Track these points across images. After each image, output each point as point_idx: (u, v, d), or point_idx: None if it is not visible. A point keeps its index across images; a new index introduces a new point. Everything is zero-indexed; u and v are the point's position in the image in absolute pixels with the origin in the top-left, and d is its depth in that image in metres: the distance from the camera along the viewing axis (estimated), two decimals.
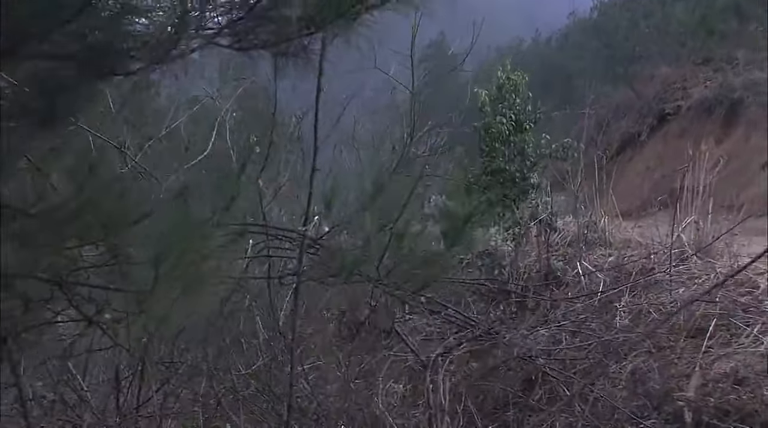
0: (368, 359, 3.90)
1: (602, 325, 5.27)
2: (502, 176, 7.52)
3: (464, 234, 2.25)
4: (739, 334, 4.74)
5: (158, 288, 1.89)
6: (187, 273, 1.93)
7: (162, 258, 1.88)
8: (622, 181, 17.51)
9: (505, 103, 7.59)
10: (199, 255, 1.98)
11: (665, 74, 18.63)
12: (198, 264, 1.96)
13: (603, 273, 6.47)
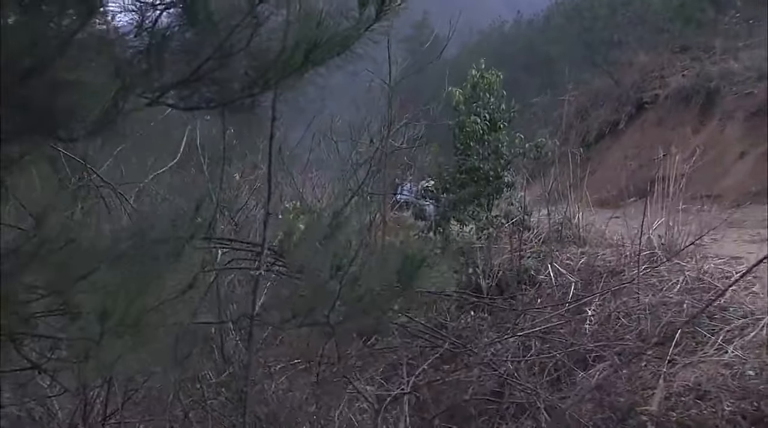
0: (326, 398, 3.90)
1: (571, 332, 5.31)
2: (476, 175, 7.52)
3: (421, 275, 2.25)
4: (704, 342, 4.79)
5: (105, 339, 1.88)
6: (135, 325, 1.92)
7: (109, 312, 1.87)
8: (601, 169, 17.62)
9: (479, 102, 7.58)
10: (148, 306, 1.97)
11: (643, 62, 18.67)
12: (146, 316, 1.95)
13: (574, 274, 6.51)
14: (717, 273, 5.88)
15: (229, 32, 1.82)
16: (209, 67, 1.84)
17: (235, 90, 1.91)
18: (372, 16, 2.04)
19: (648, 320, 5.16)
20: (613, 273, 6.32)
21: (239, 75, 1.87)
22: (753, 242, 8.22)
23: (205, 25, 1.84)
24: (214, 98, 1.95)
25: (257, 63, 1.88)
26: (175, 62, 1.85)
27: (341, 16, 2.02)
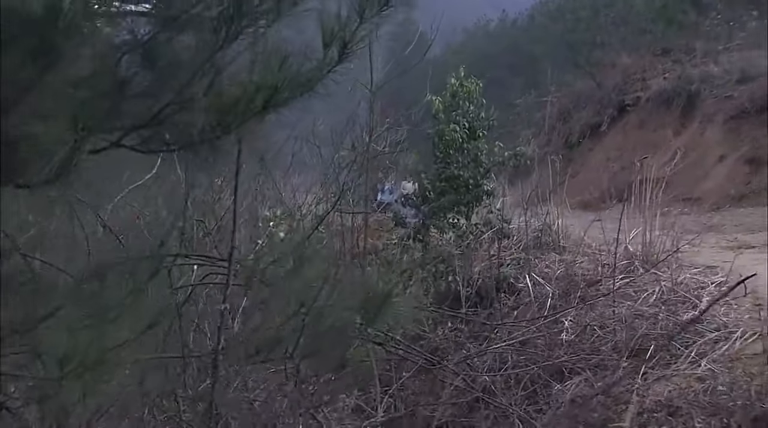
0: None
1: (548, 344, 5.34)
2: (456, 183, 7.54)
3: (385, 311, 2.26)
4: (678, 355, 4.84)
5: (66, 380, 1.88)
6: (96, 365, 1.92)
7: (69, 354, 1.86)
8: (584, 171, 17.73)
9: (458, 111, 7.59)
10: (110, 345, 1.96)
11: (626, 64, 18.78)
12: (108, 355, 1.95)
13: (552, 283, 6.54)
14: (692, 284, 5.92)
15: (189, 78, 1.82)
16: (169, 111, 1.84)
17: (195, 133, 1.91)
18: (335, 58, 2.05)
19: (623, 332, 5.20)
20: (590, 283, 6.36)
21: (200, 119, 1.86)
22: (730, 248, 8.29)
23: (164, 70, 1.84)
24: (174, 141, 1.94)
25: (217, 107, 1.88)
26: (135, 106, 1.85)
27: (305, 57, 2.03)
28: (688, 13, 18.40)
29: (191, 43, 1.82)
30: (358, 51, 2.05)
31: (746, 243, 8.55)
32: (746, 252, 7.85)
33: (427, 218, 7.81)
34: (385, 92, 10.68)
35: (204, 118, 1.86)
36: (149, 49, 1.81)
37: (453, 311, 5.93)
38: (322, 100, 2.14)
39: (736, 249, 8.12)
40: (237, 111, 1.86)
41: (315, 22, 2.07)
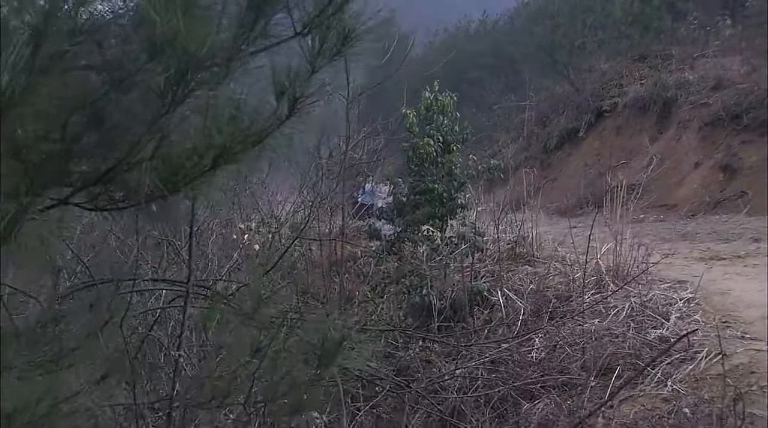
0: None
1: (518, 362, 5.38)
2: (430, 196, 7.57)
3: (339, 355, 2.28)
4: (645, 374, 4.88)
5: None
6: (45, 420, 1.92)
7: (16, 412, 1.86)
8: (562, 177, 17.87)
9: (432, 124, 7.62)
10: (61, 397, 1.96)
11: (603, 69, 18.95)
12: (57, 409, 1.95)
13: (524, 299, 6.59)
14: (661, 300, 5.99)
15: (135, 141, 1.83)
16: (117, 171, 1.84)
17: (145, 192, 1.91)
18: (285, 113, 2.06)
19: (592, 350, 5.25)
20: (560, 299, 6.41)
21: (147, 179, 1.87)
22: (702, 259, 8.40)
23: (112, 130, 1.84)
24: (124, 199, 1.95)
25: (165, 167, 1.88)
26: (83, 165, 1.85)
27: (255, 113, 2.03)
28: (665, 19, 18.58)
29: (139, 105, 1.83)
30: (312, 104, 2.06)
31: (718, 254, 8.65)
32: (717, 264, 7.95)
33: (401, 231, 7.84)
34: (364, 95, 10.69)
35: (152, 178, 1.87)
36: (97, 109, 1.82)
37: (422, 333, 5.94)
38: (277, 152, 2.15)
39: (708, 261, 8.22)
40: (185, 171, 1.87)
41: (269, 75, 2.09)
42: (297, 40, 2.13)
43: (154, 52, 1.81)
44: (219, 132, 1.90)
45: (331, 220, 9.52)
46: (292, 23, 2.09)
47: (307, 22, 2.10)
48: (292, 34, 2.11)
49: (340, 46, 2.17)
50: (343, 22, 2.14)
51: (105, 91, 1.84)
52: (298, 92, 2.08)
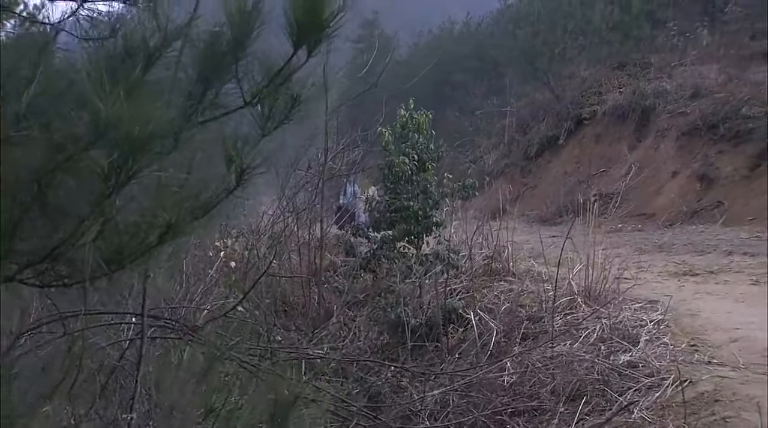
0: None
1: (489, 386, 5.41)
2: (406, 213, 7.61)
3: (291, 420, 2.30)
4: (613, 401, 4.93)
5: None
6: None
7: None
8: (542, 184, 17.97)
9: (408, 142, 7.66)
10: None
11: (583, 76, 19.06)
12: None
13: (498, 318, 6.63)
14: (631, 322, 6.04)
15: (80, 220, 1.84)
16: (63, 250, 1.85)
17: (91, 269, 1.92)
18: (233, 184, 2.08)
19: (562, 375, 5.29)
20: (532, 319, 6.46)
21: (91, 258, 1.88)
22: (675, 274, 8.48)
23: (57, 211, 1.85)
24: (70, 275, 1.96)
25: (110, 246, 1.90)
26: (28, 245, 1.86)
27: (203, 184, 2.04)
28: (644, 27, 18.70)
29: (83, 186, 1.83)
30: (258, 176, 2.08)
31: (692, 268, 8.74)
32: (690, 280, 8.04)
33: (377, 248, 7.87)
34: (347, 97, 10.70)
35: (96, 257, 1.88)
36: (42, 188, 1.82)
37: (392, 364, 5.97)
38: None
39: (681, 277, 8.30)
40: (130, 248, 1.88)
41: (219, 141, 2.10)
42: (247, 108, 2.15)
43: (97, 135, 1.82)
44: (164, 210, 1.91)
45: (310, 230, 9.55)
46: (242, 94, 2.11)
47: (256, 92, 2.12)
48: (241, 104, 2.13)
49: (289, 111, 2.19)
50: (291, 90, 2.16)
51: (50, 170, 1.85)
52: (245, 163, 2.09)
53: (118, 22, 2.04)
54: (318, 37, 2.12)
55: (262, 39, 2.12)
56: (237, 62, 2.09)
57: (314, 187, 10.32)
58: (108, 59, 1.97)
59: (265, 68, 2.12)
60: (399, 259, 7.62)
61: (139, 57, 1.99)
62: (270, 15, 2.13)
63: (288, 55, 2.13)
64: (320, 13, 2.08)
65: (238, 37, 2.09)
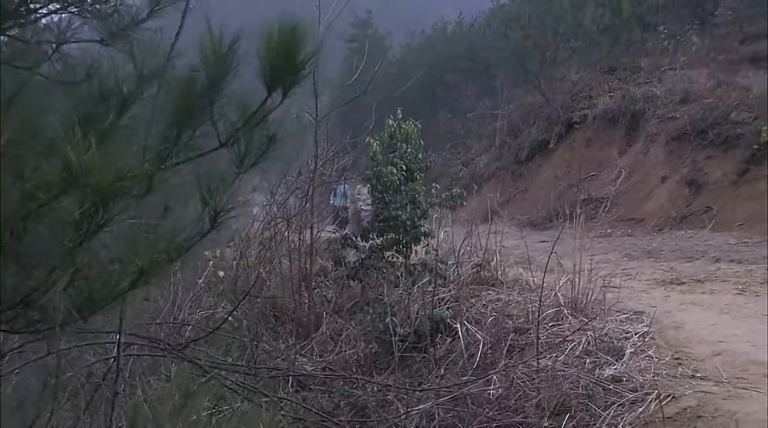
0: None
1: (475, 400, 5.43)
2: (394, 223, 7.63)
3: None
4: (597, 416, 4.96)
5: None
6: None
7: None
8: (532, 188, 18.01)
9: (396, 153, 7.67)
10: None
11: (574, 80, 19.11)
12: None
13: (484, 330, 6.65)
14: (617, 334, 6.07)
15: (51, 269, 1.84)
16: (35, 297, 1.86)
17: (63, 315, 1.93)
18: (207, 227, 2.09)
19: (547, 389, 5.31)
20: (519, 331, 6.49)
21: (63, 305, 1.89)
22: (663, 283, 8.51)
23: (29, 259, 1.86)
24: (43, 321, 1.97)
25: (82, 293, 1.90)
26: None
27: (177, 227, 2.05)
28: (634, 31, 18.77)
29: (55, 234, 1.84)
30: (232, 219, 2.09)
31: (679, 276, 8.78)
32: (676, 289, 8.08)
33: (366, 258, 7.89)
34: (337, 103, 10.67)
35: (67, 305, 1.89)
36: (13, 236, 1.83)
37: (375, 381, 5.98)
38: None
39: (668, 285, 8.35)
40: (102, 294, 1.89)
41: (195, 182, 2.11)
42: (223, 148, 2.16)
43: (68, 184, 1.83)
44: (137, 256, 1.92)
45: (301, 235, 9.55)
46: (217, 135, 2.12)
47: (231, 134, 2.13)
48: (217, 145, 2.14)
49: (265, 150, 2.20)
50: (266, 130, 2.17)
51: (22, 218, 1.86)
52: (219, 206, 2.10)
53: (93, 65, 2.04)
54: (293, 79, 2.14)
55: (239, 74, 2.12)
56: (212, 104, 2.09)
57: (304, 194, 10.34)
58: (82, 103, 1.97)
59: (241, 109, 2.13)
60: (387, 269, 7.63)
61: (114, 101, 1.99)
62: (245, 56, 2.13)
63: (264, 95, 2.15)
64: (295, 56, 2.09)
65: (213, 79, 2.09)
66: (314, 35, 2.08)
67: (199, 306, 7.22)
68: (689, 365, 5.41)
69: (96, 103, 2.00)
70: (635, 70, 17.90)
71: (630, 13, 18.52)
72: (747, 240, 11.03)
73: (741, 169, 12.88)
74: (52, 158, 1.83)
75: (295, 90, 2.19)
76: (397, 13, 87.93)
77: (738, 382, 4.98)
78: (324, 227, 11.66)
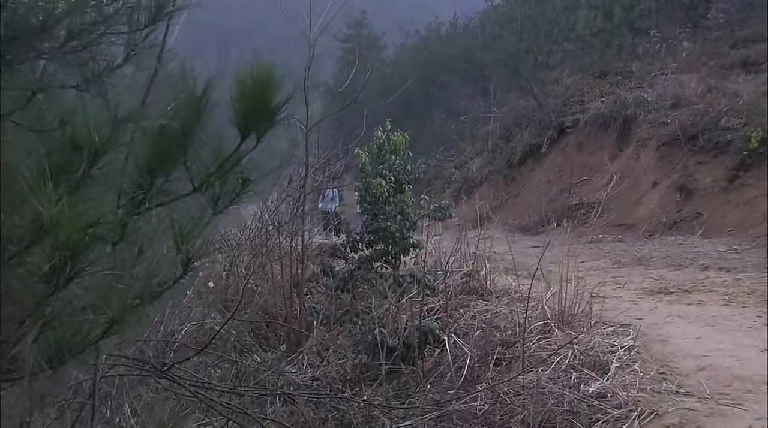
0: None
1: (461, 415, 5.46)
2: (384, 234, 7.65)
3: None
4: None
5: None
6: None
7: None
8: (525, 192, 18.06)
9: (384, 164, 7.69)
10: None
11: (566, 84, 19.17)
12: None
13: (472, 342, 6.68)
14: (603, 348, 6.10)
15: (20, 321, 1.86)
16: (3, 349, 1.87)
17: (33, 364, 1.94)
18: (180, 273, 2.10)
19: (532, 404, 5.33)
20: (506, 344, 6.51)
21: (32, 356, 1.90)
22: (651, 292, 8.55)
23: None
24: (14, 370, 1.98)
25: (52, 344, 1.92)
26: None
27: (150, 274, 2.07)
28: (625, 36, 18.82)
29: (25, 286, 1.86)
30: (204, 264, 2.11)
31: (667, 286, 8.81)
32: (664, 299, 8.11)
33: (355, 269, 7.92)
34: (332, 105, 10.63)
35: (38, 355, 1.90)
36: None
37: (360, 400, 5.98)
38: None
39: (656, 295, 8.38)
40: (73, 345, 1.90)
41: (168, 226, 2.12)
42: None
43: (38, 237, 1.84)
44: (108, 306, 1.94)
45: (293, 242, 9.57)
46: (191, 180, 2.14)
47: (205, 179, 2.15)
48: (191, 190, 2.15)
49: (239, 192, 2.22)
50: (240, 174, 2.19)
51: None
52: (191, 252, 2.12)
53: (67, 112, 2.05)
54: (266, 125, 2.16)
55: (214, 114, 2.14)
56: (185, 150, 2.11)
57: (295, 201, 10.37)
58: (55, 151, 1.99)
59: (215, 153, 2.15)
60: (376, 280, 7.65)
61: (87, 151, 2.00)
62: (219, 98, 2.15)
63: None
64: (268, 103, 2.11)
65: (187, 126, 2.10)
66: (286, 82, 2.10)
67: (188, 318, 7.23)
68: (673, 380, 5.44)
69: (69, 152, 2.01)
70: (627, 75, 17.96)
71: (621, 18, 18.56)
72: (736, 247, 11.09)
73: (731, 176, 12.95)
74: (23, 209, 1.85)
75: (269, 134, 2.21)
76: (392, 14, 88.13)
77: (721, 398, 5.01)
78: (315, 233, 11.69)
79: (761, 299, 7.55)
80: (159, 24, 2.21)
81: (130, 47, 2.30)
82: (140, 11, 2.15)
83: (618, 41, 18.89)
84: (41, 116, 2.12)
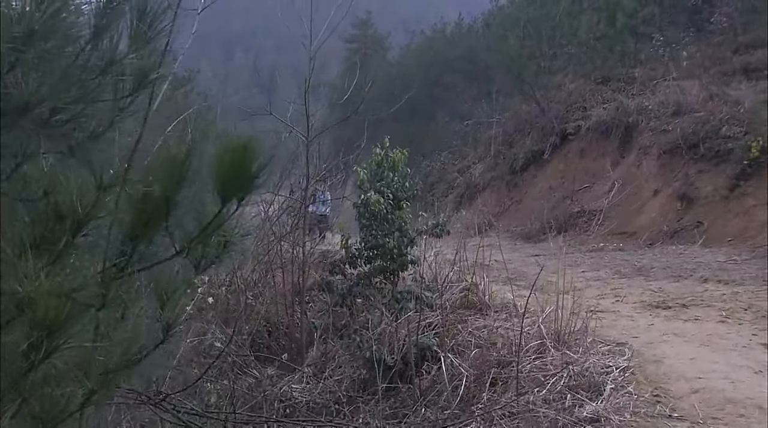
0: None
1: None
2: (382, 250, 7.69)
3: None
4: None
5: None
6: None
7: None
8: (527, 199, 18.07)
9: (383, 181, 7.73)
10: None
11: (569, 90, 19.15)
12: None
13: (468, 361, 6.70)
14: (598, 368, 6.11)
15: None
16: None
17: None
18: (161, 338, 2.14)
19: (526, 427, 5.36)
20: (502, 364, 6.53)
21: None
22: (649, 307, 8.55)
23: None
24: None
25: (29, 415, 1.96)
26: None
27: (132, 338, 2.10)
28: (628, 42, 18.79)
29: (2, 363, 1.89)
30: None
31: (666, 300, 8.80)
32: (661, 315, 8.11)
33: (353, 285, 7.96)
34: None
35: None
36: None
37: (352, 424, 6.03)
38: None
39: (654, 309, 8.39)
40: (51, 417, 1.94)
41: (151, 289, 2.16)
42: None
43: (15, 314, 1.88)
44: (87, 378, 1.97)
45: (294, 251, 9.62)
46: (173, 244, 2.17)
47: (187, 243, 2.18)
48: (173, 253, 2.19)
49: (221, 253, 2.25)
50: (222, 237, 2.22)
51: None
52: (171, 317, 2.16)
53: (50, 184, 2.09)
54: (247, 190, 2.19)
55: None
56: (167, 216, 2.14)
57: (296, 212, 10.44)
58: (39, 222, 2.02)
59: (197, 218, 2.18)
60: (375, 296, 7.69)
61: (69, 221, 2.04)
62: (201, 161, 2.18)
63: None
64: (248, 169, 2.14)
65: (169, 192, 2.14)
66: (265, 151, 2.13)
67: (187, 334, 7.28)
68: (667, 403, 5.45)
69: (53, 222, 2.05)
70: (629, 81, 17.94)
71: (624, 23, 18.54)
72: (736, 258, 11.08)
73: (731, 184, 12.95)
74: (1, 284, 1.88)
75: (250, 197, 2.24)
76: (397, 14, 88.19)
77: (713, 423, 5.03)
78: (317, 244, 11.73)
79: (757, 315, 7.57)
80: (143, 92, 2.24)
81: (115, 112, 2.33)
82: (124, 81, 2.18)
83: (621, 46, 18.85)
84: (26, 185, 2.16)
